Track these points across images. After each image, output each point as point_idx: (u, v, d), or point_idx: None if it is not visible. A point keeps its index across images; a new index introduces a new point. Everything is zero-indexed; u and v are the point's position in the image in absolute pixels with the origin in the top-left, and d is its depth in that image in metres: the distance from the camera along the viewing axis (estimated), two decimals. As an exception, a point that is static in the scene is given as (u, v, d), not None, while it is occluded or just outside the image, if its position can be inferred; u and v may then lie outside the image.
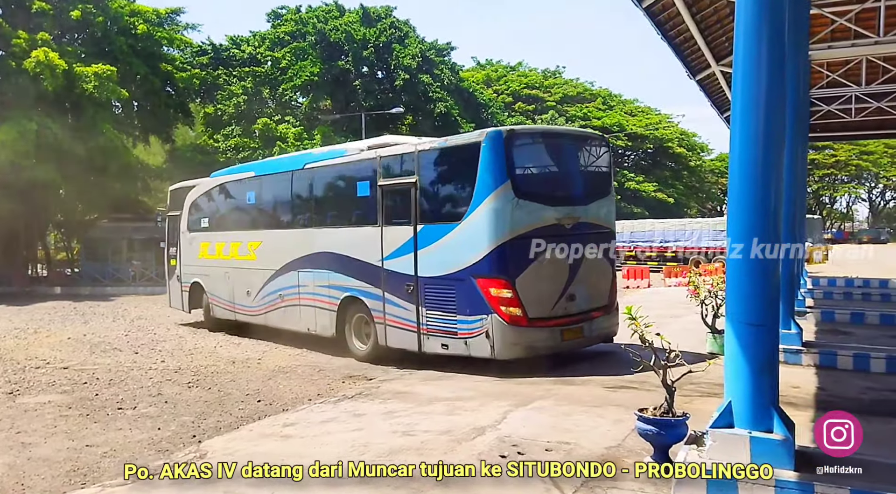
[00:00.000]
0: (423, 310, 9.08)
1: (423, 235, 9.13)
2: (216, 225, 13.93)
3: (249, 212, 13.08)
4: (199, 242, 14.33)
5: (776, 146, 4.37)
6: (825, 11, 12.39)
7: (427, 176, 9.38)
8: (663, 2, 12.19)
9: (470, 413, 6.65)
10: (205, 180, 14.74)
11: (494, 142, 8.49)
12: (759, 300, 4.35)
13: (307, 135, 30.89)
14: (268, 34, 36.06)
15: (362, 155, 10.52)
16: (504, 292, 8.32)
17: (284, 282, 11.62)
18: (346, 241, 10.43)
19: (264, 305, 12.20)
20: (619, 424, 5.91)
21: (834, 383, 7.67)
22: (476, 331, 8.46)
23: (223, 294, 13.57)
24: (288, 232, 11.87)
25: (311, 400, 7.78)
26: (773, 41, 4.31)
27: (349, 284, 10.27)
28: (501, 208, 8.38)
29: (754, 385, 4.29)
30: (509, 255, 8.38)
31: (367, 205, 10.19)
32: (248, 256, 12.66)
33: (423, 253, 9.11)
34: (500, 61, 54.66)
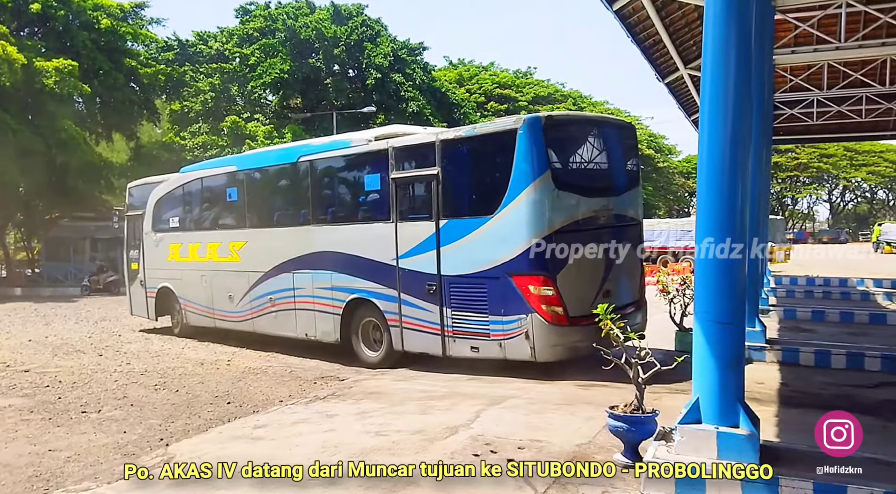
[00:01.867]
0: (448, 312, 8.48)
1: (447, 231, 8.50)
2: (189, 224, 12.89)
3: (231, 210, 12.05)
4: (167, 243, 13.26)
5: (742, 148, 4.47)
6: (789, 17, 12.72)
7: (451, 167, 8.70)
8: (633, 5, 12.35)
9: (443, 412, 6.66)
10: (173, 176, 13.62)
11: (533, 129, 7.87)
12: (727, 298, 4.46)
13: (277, 133, 30.54)
14: (236, 30, 35.53)
15: (371, 146, 9.65)
16: (545, 290, 7.76)
17: (276, 285, 10.78)
18: (351, 239, 9.68)
19: (251, 310, 11.32)
20: (591, 421, 5.98)
21: (796, 379, 7.88)
22: (513, 332, 7.92)
23: (199, 299, 12.51)
24: (280, 230, 11.00)
25: (282, 401, 7.70)
26: (740, 46, 4.42)
27: (356, 285, 9.57)
28: (541, 200, 7.82)
29: (721, 381, 4.39)
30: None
31: (377, 200, 9.56)
32: (231, 258, 11.70)
33: (447, 251, 8.49)
34: (473, 61, 54.73)
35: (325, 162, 10.38)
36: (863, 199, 74.19)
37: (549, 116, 8.35)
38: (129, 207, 14.80)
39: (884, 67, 16.01)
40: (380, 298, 9.27)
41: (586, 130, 9.18)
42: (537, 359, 7.88)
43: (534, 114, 8.41)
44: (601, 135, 9.25)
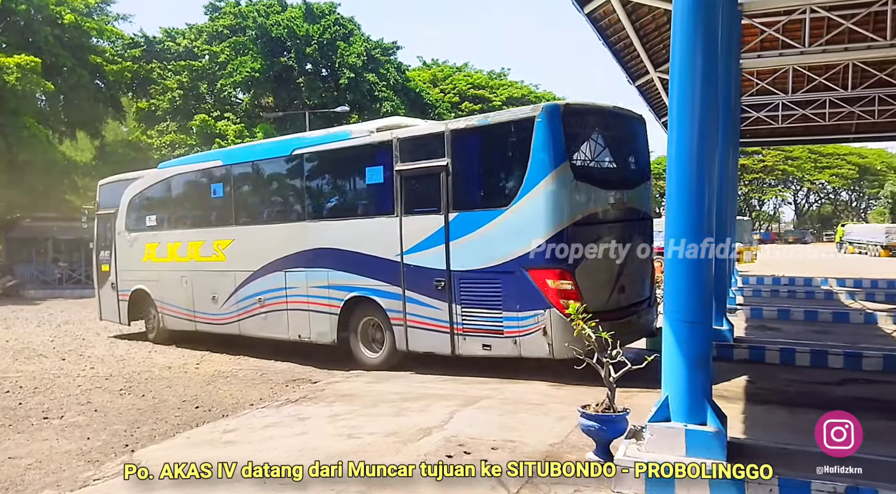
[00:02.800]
0: (458, 308, 8.17)
1: (457, 224, 8.18)
2: (168, 222, 12.22)
3: (216, 207, 11.41)
4: (143, 243, 12.58)
5: (709, 150, 4.54)
6: (755, 22, 12.99)
7: (462, 157, 8.36)
8: (604, 8, 12.49)
9: (416, 413, 6.63)
10: (150, 172, 12.97)
11: (551, 117, 7.56)
12: (695, 298, 4.52)
13: (248, 132, 30.17)
14: (205, 27, 34.99)
15: (373, 137, 9.23)
16: (564, 284, 7.46)
17: (266, 285, 10.31)
18: (351, 235, 9.32)
19: (237, 312, 10.79)
20: (564, 421, 6.00)
21: (763, 376, 8.02)
22: (529, 329, 7.62)
23: (178, 301, 11.89)
24: (270, 227, 10.51)
25: (252, 404, 7.59)
26: (707, 50, 4.48)
27: (355, 283, 9.20)
28: (559, 191, 7.51)
29: (689, 379, 4.45)
30: (568, 243, 7.51)
31: (379, 194, 9.15)
32: (215, 257, 11.15)
33: (456, 245, 8.18)
34: (447, 61, 54.74)
35: (321, 155, 9.92)
36: (826, 201, 76.08)
37: (568, 105, 8.03)
38: (99, 206, 14.02)
39: (846, 72, 16.45)
40: (382, 296, 8.92)
41: (603, 120, 8.79)
42: (555, 356, 7.56)
43: (552, 102, 8.14)
44: (617, 125, 8.98)
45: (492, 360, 8.43)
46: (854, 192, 73.50)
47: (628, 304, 8.25)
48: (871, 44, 13.40)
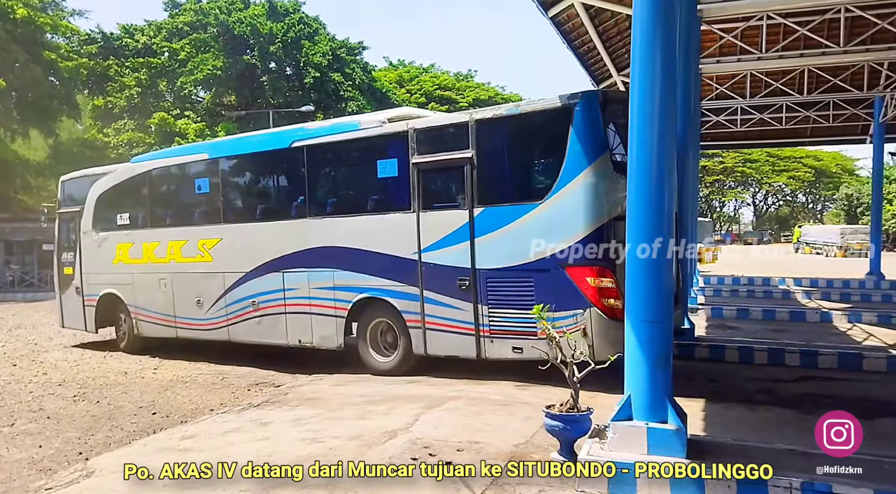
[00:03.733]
0: (485, 309, 7.74)
1: (483, 220, 7.74)
2: (144, 221, 11.32)
3: (201, 203, 10.70)
4: (113, 244, 11.64)
5: (669, 153, 4.61)
6: (714, 28, 13.28)
7: (488, 149, 7.89)
8: (568, 12, 12.61)
9: (381, 416, 6.57)
10: (121, 167, 12.08)
11: (591, 105, 7.18)
12: (655, 298, 4.58)
13: (209, 131, 29.66)
14: (165, 24, 34.30)
15: (386, 128, 8.67)
16: (605, 281, 7.08)
17: (260, 286, 9.68)
18: (360, 233, 8.75)
19: (226, 316, 10.09)
20: (529, 421, 6.02)
21: (722, 375, 8.18)
22: (568, 329, 7.12)
23: (156, 306, 11.04)
24: (267, 225, 9.81)
25: (212, 410, 7.43)
26: (666, 55, 4.55)
27: (366, 284, 8.68)
28: (599, 184, 7.10)
29: (651, 378, 4.51)
30: (609, 239, 7.10)
31: (393, 188, 8.65)
32: (200, 257, 10.39)
33: (482, 242, 7.74)
34: (413, 62, 54.71)
35: (326, 147, 9.27)
36: (784, 203, 78.25)
37: (606, 92, 7.77)
38: (61, 204, 12.90)
39: (802, 77, 16.95)
40: (396, 297, 8.44)
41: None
42: (596, 357, 7.31)
43: (590, 89, 7.76)
44: None
45: (458, 360, 8.41)
46: (810, 194, 75.76)
47: None
48: (825, 50, 13.83)
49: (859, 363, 8.33)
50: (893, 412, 6.35)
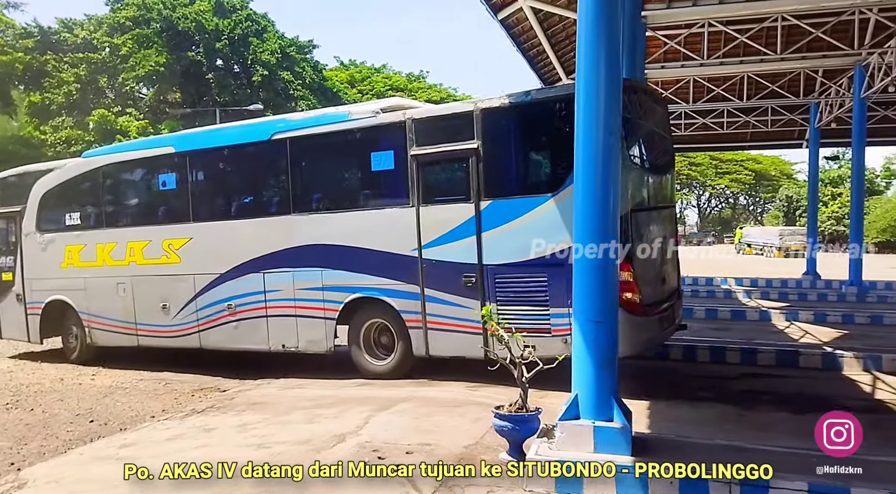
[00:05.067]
0: (493, 307, 7.29)
1: (491, 214, 7.40)
2: (98, 220, 10.49)
3: (166, 201, 10.00)
4: (61, 246, 10.76)
5: (614, 157, 4.70)
6: (659, 34, 13.65)
7: (495, 139, 7.57)
8: (517, 16, 12.76)
9: (330, 420, 6.48)
10: (70, 162, 11.26)
11: None
12: (601, 298, 4.65)
13: (153, 129, 28.79)
14: (106, 18, 33.11)
15: (381, 118, 8.23)
16: (624, 275, 6.73)
17: (237, 289, 9.09)
18: (352, 229, 8.31)
19: (196, 322, 9.49)
20: (479, 422, 6.03)
21: (667, 373, 8.40)
22: None
23: (114, 312, 10.26)
24: (243, 223, 9.23)
25: (154, 416, 7.18)
26: (610, 60, 4.65)
27: (359, 283, 8.26)
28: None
29: (597, 377, 4.58)
30: (627, 231, 6.86)
31: (388, 182, 8.30)
32: (165, 259, 9.69)
33: (490, 236, 7.41)
34: (364, 62, 54.32)
35: (312, 139, 8.71)
36: (727, 205, 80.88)
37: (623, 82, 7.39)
38: None
39: (742, 83, 17.58)
40: (394, 296, 8.06)
41: (643, 99, 8.01)
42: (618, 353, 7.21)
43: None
44: (653, 106, 8.39)
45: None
46: (751, 197, 78.50)
47: (667, 295, 7.89)
48: (763, 57, 14.39)
49: (796, 360, 8.65)
50: (826, 407, 6.59)
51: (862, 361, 8.35)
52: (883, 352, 8.56)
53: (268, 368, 9.16)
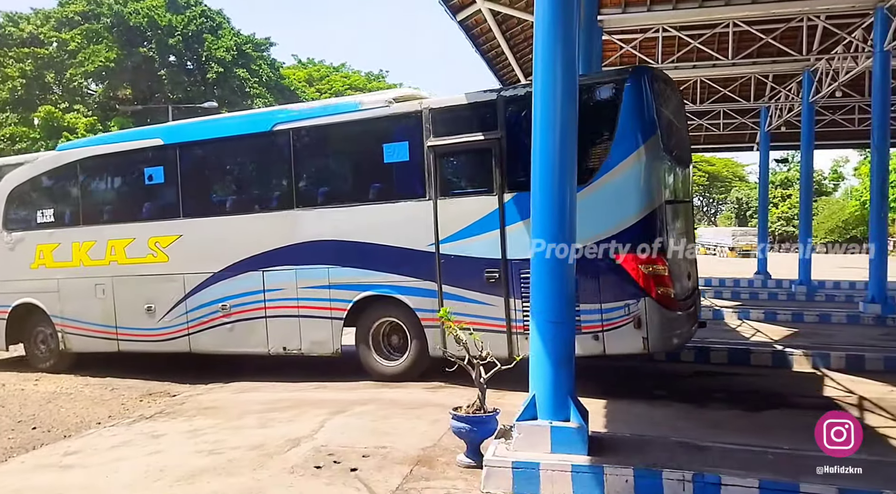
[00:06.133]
0: (518, 303, 7.08)
1: (515, 206, 7.07)
2: (74, 217, 9.84)
3: (152, 196, 9.50)
4: (32, 245, 10.05)
5: (570, 158, 4.72)
6: (615, 38, 13.85)
7: (520, 130, 7.11)
8: (475, 17, 12.78)
9: (285, 424, 6.34)
10: (42, 156, 10.66)
11: (643, 83, 6.72)
12: (558, 298, 4.66)
13: (101, 126, 27.92)
14: (53, 13, 32.02)
15: (395, 108, 7.91)
16: (660, 269, 6.61)
17: (233, 288, 8.63)
18: (362, 224, 7.96)
19: (186, 324, 8.95)
20: (436, 424, 5.99)
21: (623, 372, 8.47)
22: (618, 321, 6.68)
23: (91, 316, 9.59)
24: (240, 219, 8.76)
25: (99, 423, 6.91)
26: (566, 63, 4.66)
27: (369, 280, 7.90)
28: (651, 166, 6.69)
29: (554, 378, 4.59)
30: (662, 224, 6.72)
31: (403, 174, 7.97)
32: (151, 257, 9.14)
33: (515, 230, 7.08)
34: (323, 61, 53.77)
35: (318, 130, 8.40)
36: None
37: (654, 70, 7.18)
38: None
39: (695, 87, 17.99)
40: (408, 293, 7.73)
41: (671, 91, 7.82)
42: (650, 350, 6.80)
43: (640, 65, 7.32)
44: (677, 98, 8.20)
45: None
46: (704, 198, 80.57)
47: (692, 291, 7.78)
48: (715, 62, 14.75)
49: (747, 358, 8.83)
50: (777, 404, 6.78)
51: (811, 359, 8.59)
52: (831, 350, 8.81)
53: (220, 372, 8.95)
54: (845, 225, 46.65)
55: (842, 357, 8.55)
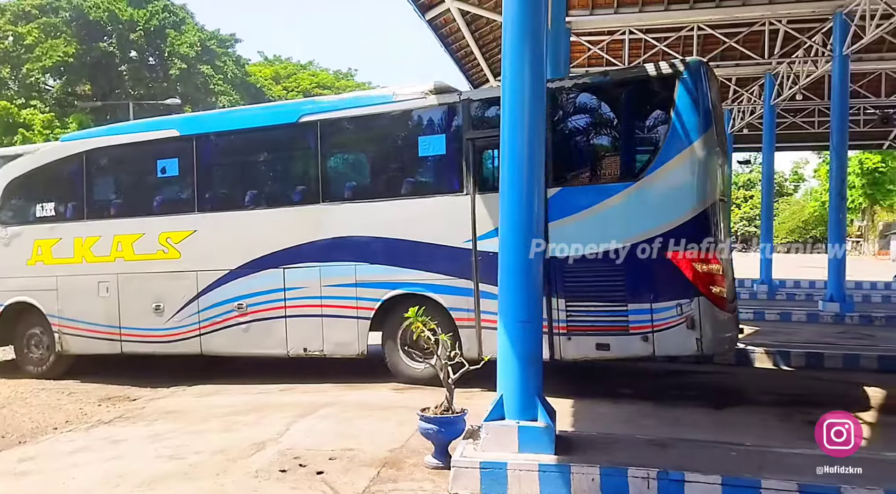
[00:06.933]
0: (561, 303, 6.83)
1: (560, 202, 6.81)
2: (78, 211, 9.36)
3: (165, 190, 9.23)
4: (29, 241, 9.52)
5: (538, 158, 4.73)
6: (583, 40, 14.00)
7: (567, 122, 7.12)
8: (444, 17, 12.77)
9: (249, 428, 6.22)
10: (44, 146, 10.18)
11: (698, 75, 6.56)
12: (526, 298, 4.65)
13: (59, 122, 27.16)
14: (9, 6, 31.12)
15: (431, 100, 7.61)
16: (714, 267, 6.41)
17: (250, 286, 8.27)
18: (394, 219, 7.67)
19: (198, 324, 8.54)
20: (404, 425, 5.94)
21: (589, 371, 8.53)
22: (670, 322, 6.43)
23: (93, 315, 9.08)
24: (260, 214, 8.44)
25: (56, 428, 6.69)
26: (534, 63, 4.66)
27: (400, 278, 7.61)
28: (706, 161, 6.52)
29: (522, 377, 4.58)
30: (716, 221, 6.58)
31: (439, 168, 7.78)
32: (162, 254, 8.74)
33: (559, 226, 6.77)
34: (290, 58, 53.16)
35: (348, 122, 8.17)
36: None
37: (707, 63, 6.99)
38: None
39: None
40: (442, 292, 7.43)
41: (717, 84, 7.66)
42: (704, 352, 6.61)
43: (694, 58, 7.11)
44: (719, 91, 8.05)
45: (335, 364, 8.08)
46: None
47: (735, 294, 7.61)
48: (680, 65, 14.97)
49: (710, 356, 8.97)
50: (740, 401, 6.91)
51: (772, 356, 8.78)
52: (791, 348, 9.03)
53: (182, 375, 8.76)
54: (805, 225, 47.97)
55: (801, 354, 8.76)
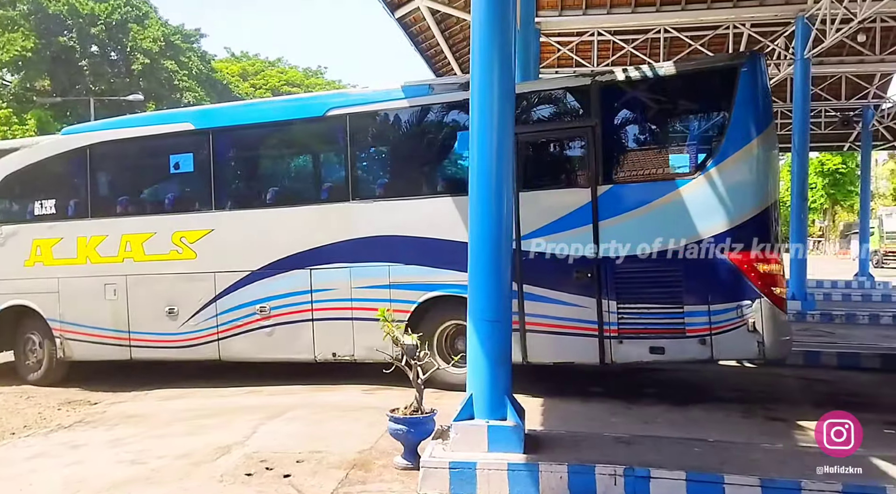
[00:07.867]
0: (612, 305, 6.57)
1: (611, 200, 6.58)
2: (81, 209, 8.84)
3: (179, 186, 8.80)
4: (27, 240, 9.00)
5: (507, 158, 4.73)
6: (552, 41, 14.13)
7: (618, 117, 6.91)
8: (414, 15, 12.75)
9: (214, 431, 6.11)
10: (44, 140, 9.61)
11: (758, 69, 6.33)
12: (495, 297, 4.66)
13: (17, 118, 26.33)
14: (-36, -4, 29.94)
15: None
16: (776, 268, 6.19)
17: (274, 288, 7.90)
18: (430, 218, 7.32)
19: (216, 328, 8.14)
20: (374, 427, 5.90)
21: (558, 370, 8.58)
22: (729, 324, 6.19)
23: (99, 319, 8.61)
24: (284, 212, 8.02)
25: (14, 433, 6.48)
26: (503, 63, 4.66)
27: (436, 279, 7.24)
28: (767, 157, 6.33)
29: (491, 377, 4.59)
30: (777, 220, 6.38)
31: None
32: (176, 254, 8.29)
33: (610, 225, 6.57)
34: (258, 55, 52.41)
35: (381, 116, 7.81)
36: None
37: (764, 56, 6.72)
38: None
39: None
40: None
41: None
42: (766, 356, 6.33)
43: (753, 51, 6.87)
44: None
45: (304, 367, 7.99)
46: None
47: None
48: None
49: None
50: (705, 398, 7.03)
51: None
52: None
53: (145, 379, 8.59)
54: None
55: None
